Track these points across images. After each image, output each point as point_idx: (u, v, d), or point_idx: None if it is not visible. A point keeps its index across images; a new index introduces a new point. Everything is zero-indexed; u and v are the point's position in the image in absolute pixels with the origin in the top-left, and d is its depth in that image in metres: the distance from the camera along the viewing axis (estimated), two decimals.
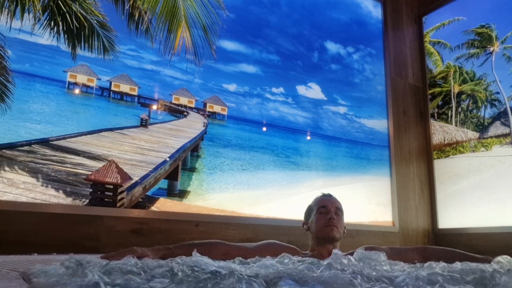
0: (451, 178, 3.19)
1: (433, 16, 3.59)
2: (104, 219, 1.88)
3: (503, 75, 3.04)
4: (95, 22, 2.10)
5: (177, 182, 2.26)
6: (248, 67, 2.66)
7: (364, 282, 0.81)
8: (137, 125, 2.23)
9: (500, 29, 3.12)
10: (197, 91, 2.45)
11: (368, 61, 3.31)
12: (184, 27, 2.35)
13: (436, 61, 3.55)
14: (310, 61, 2.97)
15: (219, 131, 2.53)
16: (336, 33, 3.15)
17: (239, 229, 2.26)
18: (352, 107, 3.13)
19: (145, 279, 0.79)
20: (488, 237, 2.70)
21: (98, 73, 2.13)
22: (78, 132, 2.02)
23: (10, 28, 1.89)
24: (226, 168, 2.45)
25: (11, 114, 1.84)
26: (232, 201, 2.39)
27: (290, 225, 2.37)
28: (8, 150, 1.80)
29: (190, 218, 2.15)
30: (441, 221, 3.13)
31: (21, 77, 1.91)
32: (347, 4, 3.31)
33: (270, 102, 2.74)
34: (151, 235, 1.98)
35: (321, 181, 2.81)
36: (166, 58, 2.32)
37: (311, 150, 2.86)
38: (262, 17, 2.79)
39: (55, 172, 1.89)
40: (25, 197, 1.78)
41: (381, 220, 2.95)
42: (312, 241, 1.78)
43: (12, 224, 1.68)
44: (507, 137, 2.97)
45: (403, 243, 2.90)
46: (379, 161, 3.14)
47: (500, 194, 2.81)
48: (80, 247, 1.73)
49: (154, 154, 2.21)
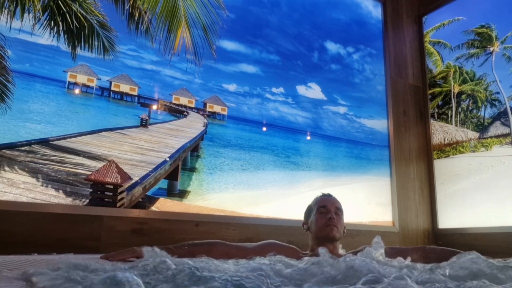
0: (451, 178, 3.19)
1: (433, 16, 3.59)
2: (104, 219, 1.88)
3: (503, 75, 3.04)
4: (95, 22, 2.10)
5: (177, 182, 2.26)
6: (248, 67, 2.66)
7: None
8: (137, 125, 2.23)
9: (500, 29, 3.12)
10: (197, 91, 2.45)
11: (368, 61, 3.31)
12: (184, 27, 2.35)
13: (436, 61, 3.55)
14: (310, 61, 2.97)
15: (219, 131, 2.52)
16: (336, 33, 3.15)
17: (239, 229, 2.26)
18: (352, 107, 3.13)
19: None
20: (488, 237, 2.70)
21: (98, 73, 2.13)
22: (78, 132, 2.02)
23: (10, 28, 1.89)
24: (226, 168, 2.45)
25: (11, 114, 1.84)
26: (232, 201, 2.39)
27: (290, 225, 2.37)
28: (8, 150, 1.80)
29: (190, 218, 2.15)
30: (441, 221, 3.13)
31: (21, 77, 1.91)
32: (347, 4, 3.31)
33: (270, 102, 2.74)
34: (151, 235, 1.98)
35: (321, 181, 2.81)
36: (166, 58, 2.32)
37: (311, 150, 2.86)
38: (262, 17, 2.79)
39: (55, 172, 1.89)
40: (25, 197, 1.78)
41: (381, 220, 2.95)
42: (312, 241, 1.78)
43: (12, 224, 1.68)
44: (507, 137, 2.97)
45: (403, 243, 2.90)
46: (379, 161, 3.14)
47: (500, 194, 2.81)
48: (80, 247, 1.73)
49: (154, 154, 2.21)
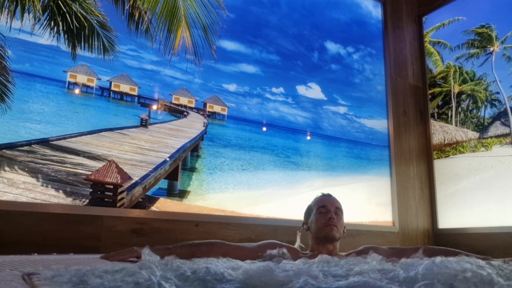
0: (451, 178, 3.19)
1: (433, 16, 3.59)
2: (104, 219, 1.88)
3: (503, 75, 3.04)
4: (95, 22, 2.10)
5: (177, 182, 2.26)
6: (248, 67, 2.66)
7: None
8: (137, 125, 2.23)
9: (500, 29, 3.12)
10: (197, 91, 2.45)
11: (368, 61, 3.31)
12: (184, 27, 2.35)
13: (436, 61, 3.55)
14: (310, 61, 2.97)
15: (219, 131, 2.52)
16: (336, 33, 3.15)
17: (239, 229, 2.26)
18: (352, 107, 3.13)
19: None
20: (488, 237, 2.70)
21: (98, 73, 2.13)
22: (78, 132, 2.02)
23: (10, 28, 1.89)
24: (226, 168, 2.45)
25: (11, 114, 1.84)
26: (232, 201, 2.39)
27: (290, 225, 2.37)
28: (8, 150, 1.80)
29: (190, 218, 2.15)
30: (441, 221, 3.13)
31: (21, 77, 1.91)
32: (347, 4, 3.31)
33: (270, 102, 2.74)
34: (151, 235, 1.98)
35: (321, 181, 2.81)
36: (166, 58, 2.32)
37: (311, 150, 2.86)
38: (262, 17, 2.79)
39: (55, 172, 1.89)
40: (25, 197, 1.78)
41: (381, 220, 2.95)
42: (312, 241, 1.78)
43: (12, 224, 1.68)
44: (507, 137, 2.97)
45: (403, 243, 2.90)
46: (379, 161, 3.14)
47: (500, 194, 2.81)
48: (80, 247, 1.73)
49: (154, 154, 2.21)
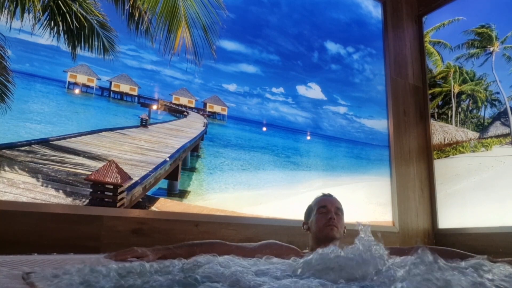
0: (451, 178, 3.19)
1: (433, 16, 3.59)
2: (104, 219, 1.88)
3: (503, 75, 3.04)
4: (95, 22, 2.10)
5: (177, 182, 2.26)
6: (248, 67, 2.66)
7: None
8: (137, 125, 2.23)
9: (500, 29, 3.12)
10: (197, 91, 2.45)
11: (368, 61, 3.31)
12: (184, 27, 2.35)
13: (436, 61, 3.55)
14: (310, 61, 2.97)
15: (219, 131, 2.52)
16: (336, 33, 3.15)
17: (239, 229, 2.26)
18: (352, 107, 3.13)
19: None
20: (488, 237, 2.70)
21: (98, 73, 2.13)
22: (78, 132, 2.02)
23: (10, 28, 1.89)
24: (226, 168, 2.45)
25: (11, 114, 1.84)
26: (232, 201, 2.39)
27: (290, 225, 2.37)
28: (8, 150, 1.80)
29: (190, 218, 2.15)
30: (441, 221, 3.13)
31: (21, 77, 1.91)
32: (347, 4, 3.31)
33: (270, 102, 2.74)
34: (151, 235, 1.98)
35: (321, 181, 2.81)
36: (166, 58, 2.32)
37: (311, 150, 2.86)
38: (262, 17, 2.79)
39: (55, 172, 1.89)
40: (25, 197, 1.78)
41: (381, 220, 2.95)
42: (312, 241, 1.78)
43: (12, 224, 1.68)
44: (507, 137, 2.97)
45: (403, 243, 2.90)
46: (379, 161, 3.14)
47: (500, 194, 2.81)
48: (80, 247, 1.73)
49: (154, 154, 2.21)
